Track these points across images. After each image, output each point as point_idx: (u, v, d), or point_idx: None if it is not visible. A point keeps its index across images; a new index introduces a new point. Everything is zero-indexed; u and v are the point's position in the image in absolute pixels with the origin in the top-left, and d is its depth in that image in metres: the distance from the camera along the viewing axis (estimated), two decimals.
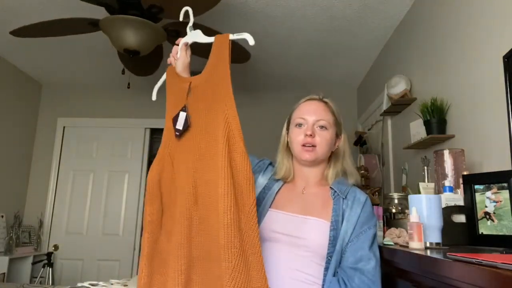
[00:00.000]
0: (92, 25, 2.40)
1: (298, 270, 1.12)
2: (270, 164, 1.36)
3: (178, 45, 1.31)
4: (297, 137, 1.24)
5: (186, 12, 1.33)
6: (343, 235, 1.13)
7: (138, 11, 2.30)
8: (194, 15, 1.33)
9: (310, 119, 1.23)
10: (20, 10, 2.83)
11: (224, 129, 1.06)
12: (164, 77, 1.34)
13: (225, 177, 1.01)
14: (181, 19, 1.37)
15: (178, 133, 1.17)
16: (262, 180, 1.30)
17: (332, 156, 1.29)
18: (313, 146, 1.22)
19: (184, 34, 1.33)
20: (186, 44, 1.30)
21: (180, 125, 1.16)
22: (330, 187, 1.23)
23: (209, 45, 1.23)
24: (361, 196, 1.20)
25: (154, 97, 1.37)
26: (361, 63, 3.63)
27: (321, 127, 1.23)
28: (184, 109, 1.18)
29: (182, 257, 1.05)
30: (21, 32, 2.55)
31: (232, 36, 1.18)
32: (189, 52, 1.32)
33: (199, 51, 1.57)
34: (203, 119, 1.15)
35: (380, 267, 1.13)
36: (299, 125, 1.25)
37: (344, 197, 1.18)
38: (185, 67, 1.29)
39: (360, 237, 1.13)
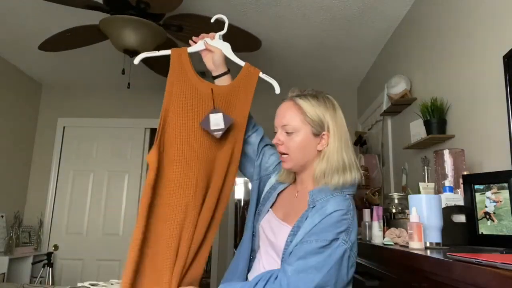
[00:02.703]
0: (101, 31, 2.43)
1: (266, 269, 1.12)
2: None
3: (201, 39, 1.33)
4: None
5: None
6: (295, 241, 1.05)
7: (132, 10, 2.31)
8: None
9: (278, 125, 1.16)
10: (20, 10, 2.83)
11: (228, 156, 1.25)
12: (162, 53, 1.30)
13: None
14: (212, 20, 1.39)
15: (221, 132, 1.22)
16: (273, 180, 1.29)
17: (317, 155, 1.15)
18: (286, 154, 1.14)
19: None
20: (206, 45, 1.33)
21: (220, 125, 1.21)
22: (308, 193, 1.13)
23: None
24: (331, 207, 1.04)
25: (136, 61, 1.32)
26: (361, 63, 3.63)
27: (288, 132, 1.13)
28: (218, 110, 1.23)
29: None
30: (47, 46, 2.70)
31: (261, 75, 1.30)
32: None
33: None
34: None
35: (305, 278, 0.98)
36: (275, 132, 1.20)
37: (313, 205, 1.08)
38: (218, 63, 1.32)
39: (303, 244, 1.02)
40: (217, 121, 1.21)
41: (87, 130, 4.38)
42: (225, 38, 1.36)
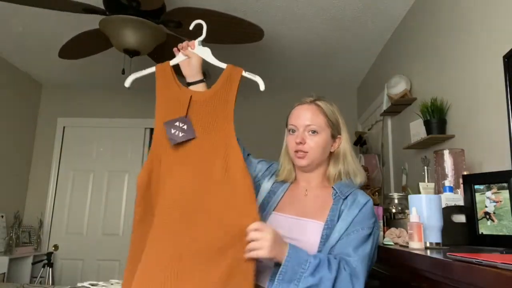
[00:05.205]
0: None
1: None
2: None
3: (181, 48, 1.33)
4: (290, 143, 1.26)
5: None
6: (337, 233, 1.12)
7: (128, 10, 2.30)
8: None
9: (300, 125, 1.24)
10: (20, 11, 2.83)
11: (223, 156, 1.14)
12: (148, 71, 1.31)
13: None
14: (191, 28, 1.36)
15: (176, 140, 1.17)
16: (267, 185, 1.32)
17: (332, 157, 1.28)
18: (305, 152, 1.22)
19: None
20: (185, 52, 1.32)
21: (181, 134, 1.16)
22: (332, 187, 1.23)
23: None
24: (362, 198, 1.18)
25: (127, 84, 1.33)
26: (361, 63, 3.63)
27: (313, 131, 1.23)
28: (186, 119, 1.19)
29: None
30: (65, 54, 2.81)
31: (244, 73, 1.25)
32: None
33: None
34: (201, 136, 1.19)
35: (366, 265, 1.10)
36: (292, 131, 1.27)
37: (344, 198, 1.18)
38: (194, 70, 1.32)
39: (350, 235, 1.11)
40: (183, 130, 1.16)
41: (87, 130, 4.38)
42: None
